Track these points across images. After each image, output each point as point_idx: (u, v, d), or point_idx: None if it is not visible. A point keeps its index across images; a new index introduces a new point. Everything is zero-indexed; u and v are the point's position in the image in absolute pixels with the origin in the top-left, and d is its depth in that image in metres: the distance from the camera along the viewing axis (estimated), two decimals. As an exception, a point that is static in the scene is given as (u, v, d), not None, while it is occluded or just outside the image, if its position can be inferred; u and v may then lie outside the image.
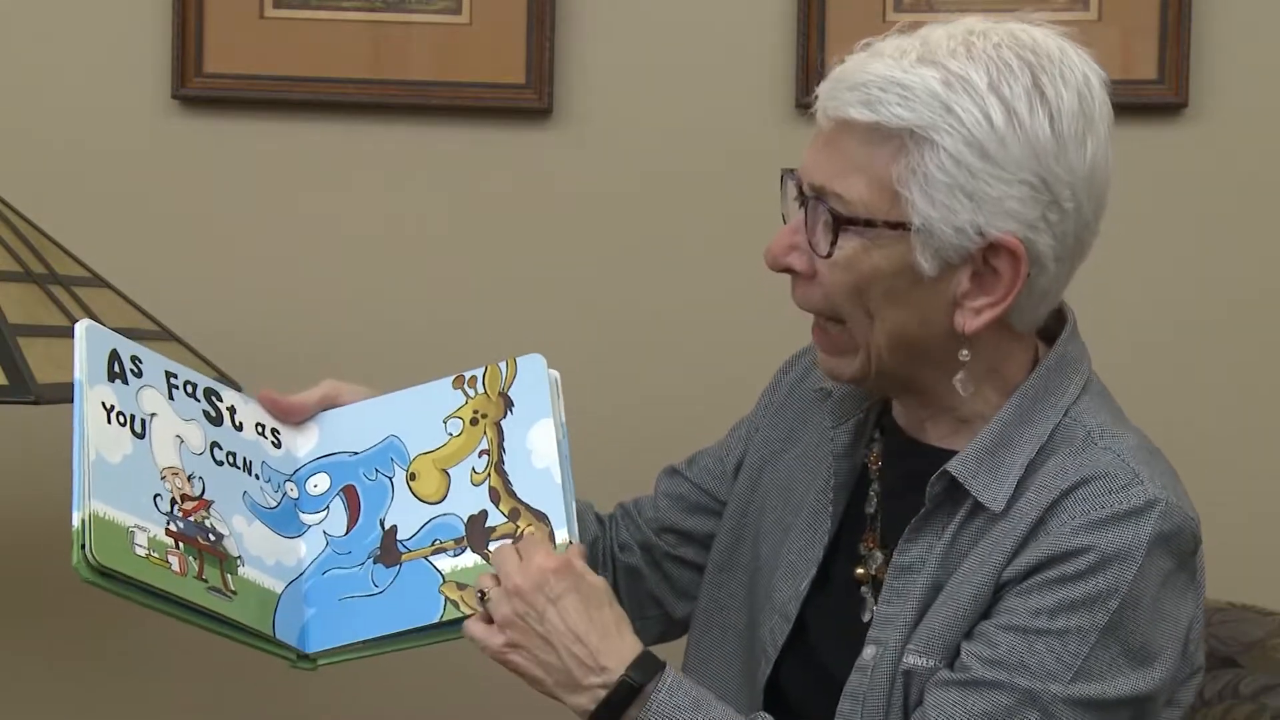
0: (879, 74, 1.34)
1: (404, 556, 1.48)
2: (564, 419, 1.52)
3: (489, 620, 1.40)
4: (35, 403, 1.69)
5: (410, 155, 2.26)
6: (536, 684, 1.39)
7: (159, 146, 2.26)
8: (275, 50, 2.23)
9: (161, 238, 2.26)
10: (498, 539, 1.46)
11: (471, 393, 1.54)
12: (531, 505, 1.48)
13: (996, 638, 1.34)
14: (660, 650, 1.45)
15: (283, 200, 2.27)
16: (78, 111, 2.26)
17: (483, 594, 1.40)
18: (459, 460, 1.51)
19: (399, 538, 1.49)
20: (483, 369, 1.55)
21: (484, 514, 1.48)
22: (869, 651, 1.40)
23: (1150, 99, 2.19)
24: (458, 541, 1.47)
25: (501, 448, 1.50)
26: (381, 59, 2.24)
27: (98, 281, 1.96)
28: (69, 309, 1.83)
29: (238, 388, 1.98)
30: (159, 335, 1.95)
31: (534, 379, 1.52)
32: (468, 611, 1.43)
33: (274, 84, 2.23)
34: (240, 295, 2.26)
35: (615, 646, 1.38)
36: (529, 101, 2.22)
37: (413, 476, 1.51)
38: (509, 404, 1.52)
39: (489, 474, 1.49)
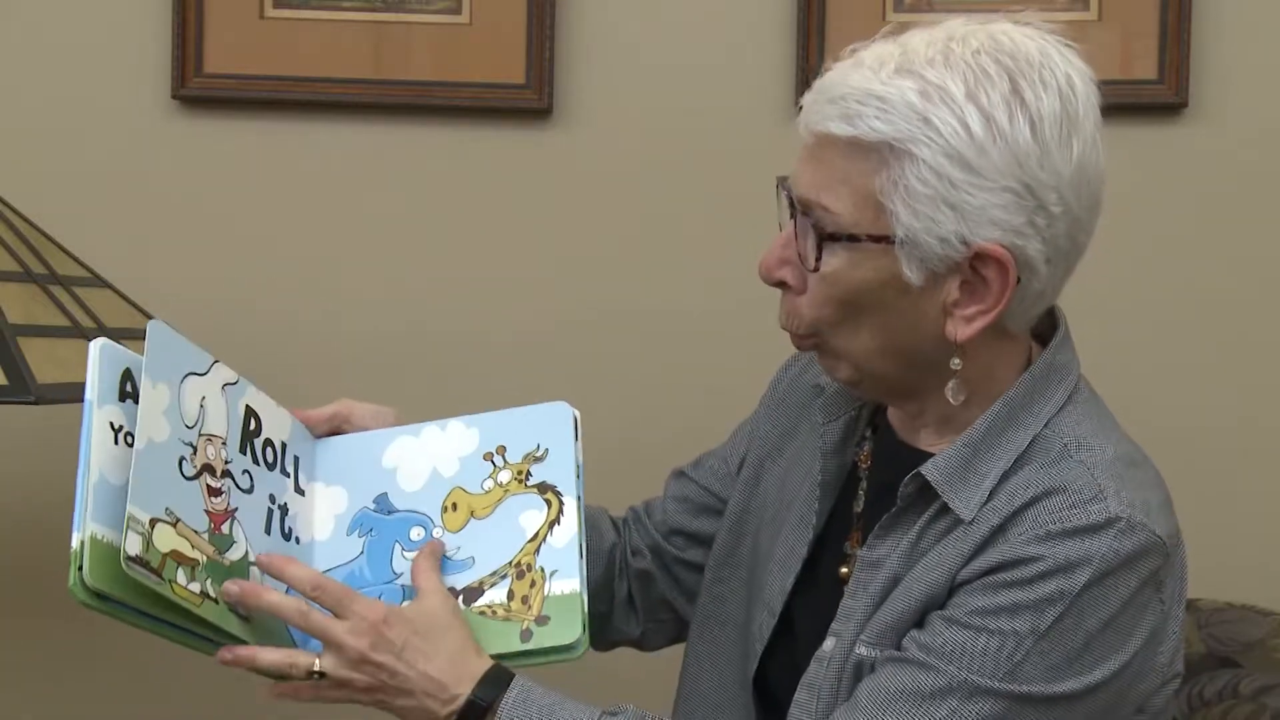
0: (857, 86, 1.33)
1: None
2: (581, 459, 1.51)
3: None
4: (35, 403, 1.69)
5: (410, 155, 2.26)
6: (403, 715, 1.41)
7: (159, 146, 2.26)
8: (275, 50, 2.23)
9: (162, 238, 2.26)
10: None
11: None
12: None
13: (937, 627, 1.35)
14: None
15: (283, 200, 2.27)
16: (78, 112, 2.26)
17: (321, 674, 1.38)
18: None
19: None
20: None
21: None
22: (828, 643, 1.41)
23: (1150, 99, 2.19)
24: None
25: None
26: (381, 59, 2.24)
27: (98, 281, 1.96)
28: (69, 309, 1.83)
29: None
30: (159, 335, 1.95)
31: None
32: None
33: (274, 84, 2.23)
34: (240, 295, 2.26)
35: (463, 671, 1.39)
36: (529, 101, 2.22)
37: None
38: None
39: None
